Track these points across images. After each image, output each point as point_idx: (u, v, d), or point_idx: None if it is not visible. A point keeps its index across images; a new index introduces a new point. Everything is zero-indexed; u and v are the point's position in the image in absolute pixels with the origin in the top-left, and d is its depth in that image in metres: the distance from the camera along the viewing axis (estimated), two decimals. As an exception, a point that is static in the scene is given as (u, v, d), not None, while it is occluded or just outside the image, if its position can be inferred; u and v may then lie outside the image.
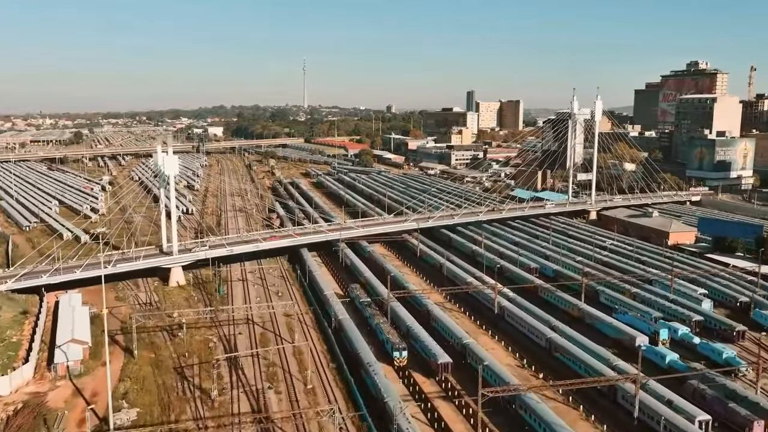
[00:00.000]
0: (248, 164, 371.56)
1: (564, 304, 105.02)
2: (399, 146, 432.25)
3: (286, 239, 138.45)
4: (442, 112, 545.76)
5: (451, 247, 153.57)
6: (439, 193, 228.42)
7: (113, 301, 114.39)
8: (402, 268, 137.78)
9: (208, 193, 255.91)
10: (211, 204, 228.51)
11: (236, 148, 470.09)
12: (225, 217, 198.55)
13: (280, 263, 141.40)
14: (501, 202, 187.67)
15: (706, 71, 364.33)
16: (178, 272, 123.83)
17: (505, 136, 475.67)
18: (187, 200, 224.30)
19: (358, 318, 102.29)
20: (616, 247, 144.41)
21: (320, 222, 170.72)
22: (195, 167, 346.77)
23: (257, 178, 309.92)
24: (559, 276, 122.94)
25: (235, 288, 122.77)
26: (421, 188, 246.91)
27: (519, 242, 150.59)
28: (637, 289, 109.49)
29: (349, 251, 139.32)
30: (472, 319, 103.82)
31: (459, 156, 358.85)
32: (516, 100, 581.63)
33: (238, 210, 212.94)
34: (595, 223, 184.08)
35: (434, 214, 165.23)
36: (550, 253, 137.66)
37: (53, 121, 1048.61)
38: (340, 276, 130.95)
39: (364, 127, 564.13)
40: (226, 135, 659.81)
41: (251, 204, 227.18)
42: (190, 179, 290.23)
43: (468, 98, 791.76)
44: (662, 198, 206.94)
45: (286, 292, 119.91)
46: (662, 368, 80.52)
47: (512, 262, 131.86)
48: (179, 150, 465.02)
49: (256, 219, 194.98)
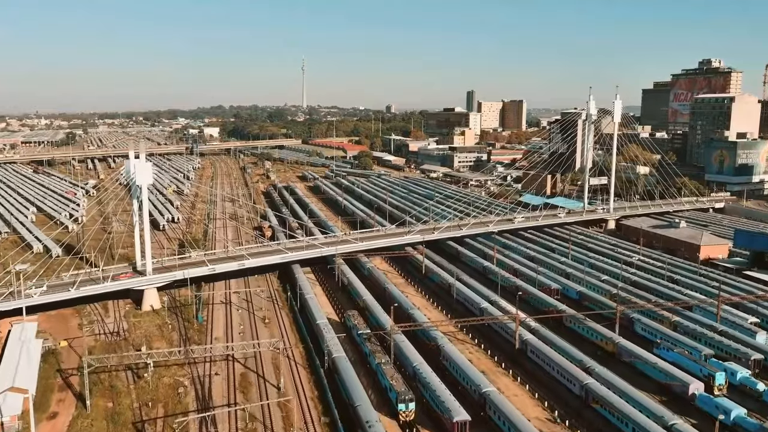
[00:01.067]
0: (243, 167, 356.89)
1: (595, 335, 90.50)
2: (399, 148, 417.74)
3: (275, 255, 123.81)
4: (444, 112, 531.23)
5: (459, 261, 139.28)
6: (443, 198, 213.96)
7: (75, 330, 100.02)
8: (405, 287, 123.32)
9: (197, 199, 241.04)
10: (200, 211, 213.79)
11: (231, 150, 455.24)
12: (213, 226, 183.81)
13: (269, 281, 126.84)
14: (511, 209, 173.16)
15: (720, 70, 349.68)
16: (153, 294, 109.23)
17: (508, 137, 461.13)
18: (174, 207, 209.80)
19: (356, 352, 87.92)
20: (644, 262, 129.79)
21: (316, 232, 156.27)
22: (187, 170, 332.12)
23: (251, 181, 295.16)
24: (584, 298, 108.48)
25: (217, 312, 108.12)
26: (424, 193, 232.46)
27: (535, 257, 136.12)
28: (677, 317, 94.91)
29: (347, 268, 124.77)
30: (488, 353, 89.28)
31: (462, 158, 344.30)
32: (519, 100, 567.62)
33: (229, 217, 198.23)
34: (614, 233, 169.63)
35: (440, 225, 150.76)
36: (571, 270, 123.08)
37: (48, 122, 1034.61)
38: (337, 298, 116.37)
39: (363, 128, 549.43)
40: (222, 136, 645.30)
41: (243, 210, 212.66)
42: (179, 183, 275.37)
43: (468, 98, 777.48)
44: (683, 205, 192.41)
45: (275, 318, 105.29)
46: (726, 425, 65.98)
47: (529, 281, 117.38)
48: (171, 152, 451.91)
49: (247, 228, 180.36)
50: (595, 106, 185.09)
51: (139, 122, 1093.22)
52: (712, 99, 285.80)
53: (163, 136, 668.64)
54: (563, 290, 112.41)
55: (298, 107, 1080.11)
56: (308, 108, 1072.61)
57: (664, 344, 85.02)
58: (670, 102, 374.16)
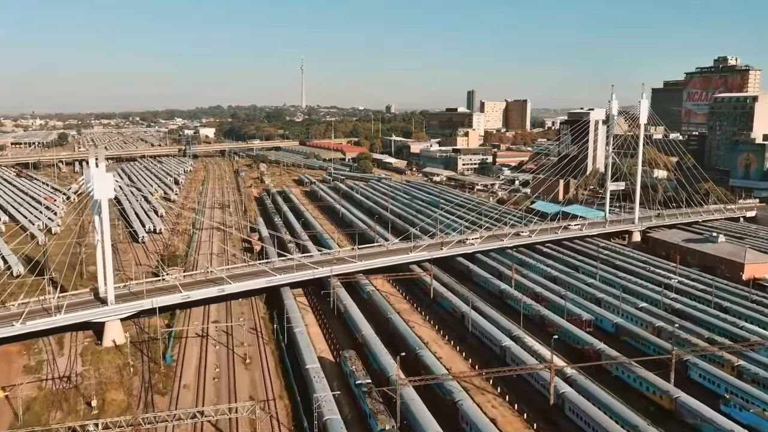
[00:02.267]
0: (236, 170, 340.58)
1: (645, 386, 74.16)
2: (400, 149, 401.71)
3: (261, 279, 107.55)
4: (446, 112, 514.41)
5: (470, 281, 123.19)
6: (448, 205, 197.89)
7: (18, 373, 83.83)
8: (411, 313, 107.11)
9: (185, 206, 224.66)
10: (187, 219, 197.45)
11: (226, 152, 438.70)
12: (198, 238, 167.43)
13: (254, 307, 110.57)
14: (524, 218, 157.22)
15: (737, 68, 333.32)
16: (115, 327, 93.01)
17: (513, 137, 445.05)
18: (158, 216, 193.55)
19: (354, 408, 71.76)
20: (684, 285, 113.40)
21: (310, 247, 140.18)
22: (178, 173, 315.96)
23: (244, 186, 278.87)
24: (621, 332, 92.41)
25: (190, 349, 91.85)
26: (428, 200, 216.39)
27: (557, 277, 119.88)
28: (741, 360, 78.67)
29: (344, 292, 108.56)
30: (515, 408, 72.93)
31: (466, 160, 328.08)
32: (523, 99, 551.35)
33: (217, 227, 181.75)
34: (639, 246, 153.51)
35: (449, 238, 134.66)
36: (601, 295, 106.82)
37: (43, 122, 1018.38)
38: (332, 328, 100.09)
39: (362, 129, 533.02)
40: (219, 137, 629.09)
41: (233, 219, 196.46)
42: (167, 188, 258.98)
43: (468, 98, 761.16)
44: (712, 213, 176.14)
45: (258, 356, 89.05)
46: None
47: (555, 308, 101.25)
48: (164, 154, 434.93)
49: (235, 240, 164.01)
50: (617, 105, 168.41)
51: (136, 122, 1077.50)
52: (733, 98, 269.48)
53: (158, 137, 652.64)
54: (596, 321, 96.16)
55: (297, 107, 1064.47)
56: (307, 108, 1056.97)
57: (735, 400, 68.75)
58: (684, 102, 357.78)
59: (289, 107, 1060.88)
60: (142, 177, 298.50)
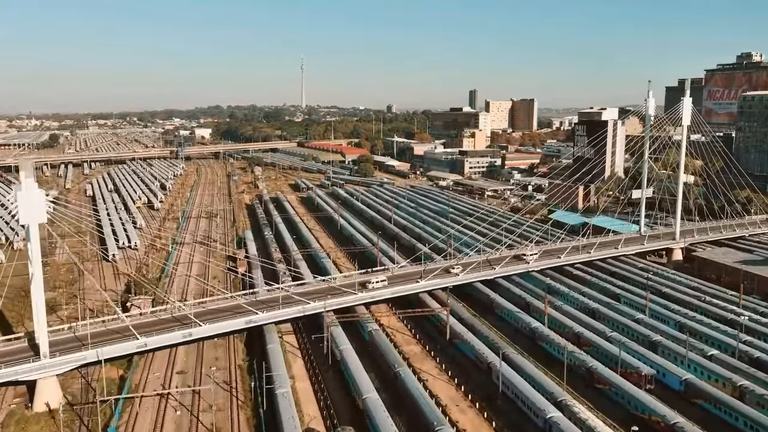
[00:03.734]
0: (229, 173, 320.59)
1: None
2: (403, 151, 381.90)
3: (238, 319, 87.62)
4: (451, 112, 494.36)
5: (492, 314, 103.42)
6: (458, 214, 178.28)
7: None
8: (423, 360, 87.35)
9: (169, 215, 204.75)
10: (169, 231, 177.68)
11: (220, 154, 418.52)
12: (178, 254, 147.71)
13: (232, 349, 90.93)
14: (546, 231, 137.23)
15: (762, 64, 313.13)
16: (50, 387, 73.18)
17: (521, 138, 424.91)
18: (136, 227, 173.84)
19: None
20: (755, 322, 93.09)
21: (303, 269, 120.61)
22: (166, 177, 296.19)
23: (237, 191, 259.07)
24: (692, 391, 72.56)
25: (144, 416, 71.94)
26: (436, 208, 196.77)
27: (596, 310, 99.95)
28: None
29: (341, 334, 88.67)
30: None
31: (473, 163, 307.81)
32: (530, 98, 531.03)
33: (201, 241, 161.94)
34: (681, 266, 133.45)
35: (468, 260, 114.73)
36: (657, 337, 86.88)
37: (39, 122, 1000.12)
38: (325, 383, 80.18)
39: (363, 129, 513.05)
40: (215, 137, 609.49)
41: (220, 231, 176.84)
42: (152, 194, 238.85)
43: (470, 97, 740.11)
44: (759, 226, 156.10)
45: (229, 429, 69.26)
46: None
47: (602, 355, 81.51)
48: (155, 156, 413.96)
49: (220, 257, 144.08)
50: (653, 104, 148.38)
51: (133, 123, 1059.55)
52: (765, 96, 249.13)
53: (154, 138, 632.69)
54: (660, 376, 76.23)
55: (297, 107, 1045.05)
56: (307, 108, 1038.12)
57: None
58: (704, 101, 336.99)
59: (289, 107, 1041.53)
60: (128, 182, 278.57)
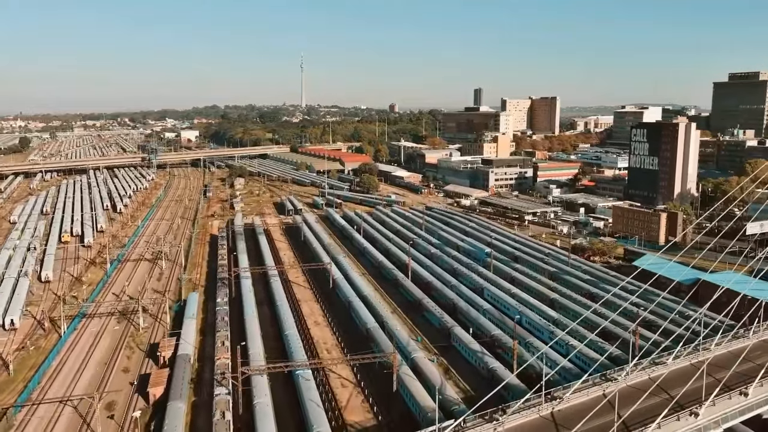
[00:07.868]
0: (205, 186, 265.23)
1: None
2: (412, 158, 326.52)
3: None
4: (465, 112, 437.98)
5: None
6: (501, 258, 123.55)
7: None
8: None
9: (100, 256, 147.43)
10: (86, 287, 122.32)
11: (201, 161, 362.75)
12: (76, 336, 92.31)
13: None
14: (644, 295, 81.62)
15: None
16: None
17: (549, 143, 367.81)
18: (41, 279, 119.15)
19: None
20: None
21: (262, 397, 65.71)
22: (125, 193, 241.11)
23: (205, 213, 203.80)
24: None
25: None
26: (467, 247, 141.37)
27: None
28: None
29: None
30: None
31: (500, 174, 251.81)
32: (552, 96, 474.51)
33: (119, 313, 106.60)
34: None
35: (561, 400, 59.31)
36: None
37: (24, 124, 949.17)
38: None
39: (365, 131, 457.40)
40: (202, 140, 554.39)
41: (160, 284, 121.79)
42: (91, 220, 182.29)
43: (475, 96, 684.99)
44: None
45: None
46: None
47: None
48: (124, 164, 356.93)
49: (137, 348, 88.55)
50: None
51: (123, 124, 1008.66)
52: None
53: (139, 140, 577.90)
54: None
55: (296, 107, 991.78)
56: (307, 108, 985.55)
57: None
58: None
59: (288, 107, 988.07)
60: (73, 201, 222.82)
